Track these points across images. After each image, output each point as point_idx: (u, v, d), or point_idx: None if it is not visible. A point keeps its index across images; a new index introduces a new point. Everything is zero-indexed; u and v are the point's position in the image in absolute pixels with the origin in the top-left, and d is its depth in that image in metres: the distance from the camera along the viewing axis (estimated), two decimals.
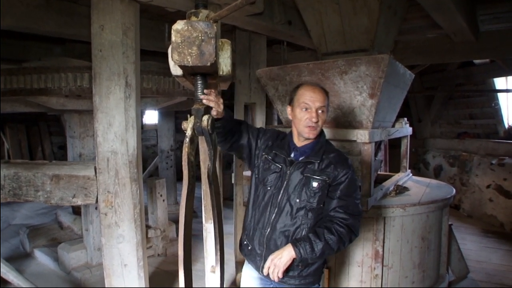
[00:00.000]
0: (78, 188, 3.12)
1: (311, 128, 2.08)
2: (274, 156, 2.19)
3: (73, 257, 4.60)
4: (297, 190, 2.10)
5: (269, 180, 2.17)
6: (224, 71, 1.86)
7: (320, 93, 2.09)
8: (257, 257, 2.20)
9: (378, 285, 3.22)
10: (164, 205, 5.30)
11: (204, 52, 1.49)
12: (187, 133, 1.78)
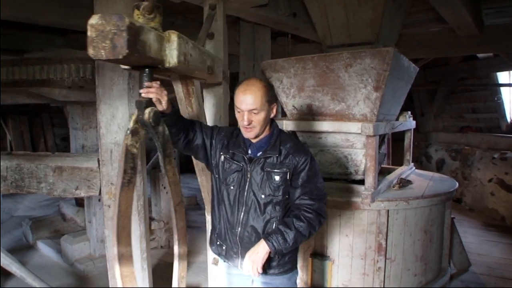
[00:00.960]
0: (81, 180, 3.11)
1: (246, 129, 2.10)
2: (233, 155, 2.19)
3: (76, 249, 4.60)
4: (260, 185, 2.12)
5: (231, 179, 2.18)
6: (170, 63, 1.87)
7: (252, 94, 2.04)
8: (234, 255, 2.23)
9: (381, 278, 3.22)
10: (168, 197, 5.29)
11: (116, 45, 1.48)
12: (129, 125, 1.80)
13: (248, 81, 2.13)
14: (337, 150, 3.38)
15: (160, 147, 1.94)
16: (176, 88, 2.77)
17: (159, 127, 1.89)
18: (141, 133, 1.83)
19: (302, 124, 3.42)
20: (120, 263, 1.76)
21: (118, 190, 1.75)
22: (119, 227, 1.75)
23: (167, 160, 2.01)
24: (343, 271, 3.29)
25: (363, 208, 3.15)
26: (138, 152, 1.81)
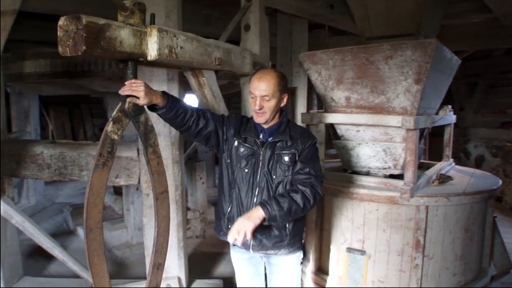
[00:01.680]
0: (121, 168, 3.18)
1: (257, 114, 2.25)
2: (245, 139, 2.32)
3: (114, 236, 4.74)
4: (272, 167, 2.25)
5: (244, 162, 2.30)
6: (151, 56, 2.01)
7: (266, 82, 2.20)
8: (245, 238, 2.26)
9: (418, 276, 3.16)
10: (204, 188, 5.37)
11: (76, 43, 1.64)
12: (112, 114, 1.97)
13: (263, 70, 2.36)
14: (375, 143, 3.32)
15: (141, 135, 2.11)
16: (189, 80, 2.82)
17: (140, 117, 2.06)
18: (124, 121, 1.99)
19: (340, 117, 3.38)
20: (87, 237, 1.93)
21: (92, 171, 1.90)
22: (89, 205, 1.91)
23: (150, 149, 2.15)
24: (379, 267, 3.24)
25: (402, 203, 3.09)
26: (118, 138, 1.97)
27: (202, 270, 4.28)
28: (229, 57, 2.86)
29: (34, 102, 6.55)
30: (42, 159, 3.31)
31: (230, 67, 2.93)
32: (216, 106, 2.89)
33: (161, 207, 2.28)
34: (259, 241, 2.30)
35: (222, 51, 2.75)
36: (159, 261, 2.34)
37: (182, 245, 3.36)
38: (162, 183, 2.25)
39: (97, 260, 2.00)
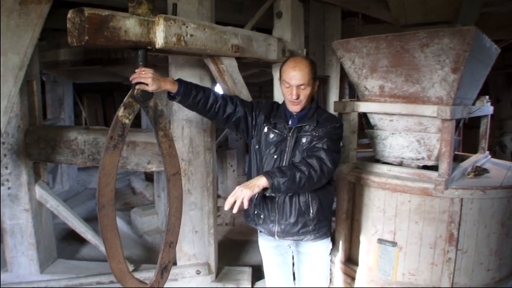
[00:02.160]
0: (153, 154, 3.22)
1: (293, 103, 2.26)
2: (275, 125, 2.34)
3: (145, 222, 4.82)
4: (294, 151, 2.26)
5: (273, 148, 2.31)
6: (159, 44, 2.12)
7: (301, 70, 2.20)
8: (270, 224, 2.35)
9: (451, 270, 3.09)
10: (234, 175, 5.41)
11: (80, 33, 1.78)
12: (124, 99, 2.08)
13: (295, 58, 2.34)
14: (409, 133, 3.25)
15: (152, 120, 2.22)
16: (209, 67, 2.87)
17: (149, 102, 2.16)
18: (135, 107, 2.11)
19: (374, 106, 3.31)
20: (100, 213, 2.07)
21: (104, 152, 2.05)
22: (102, 183, 2.05)
23: (161, 132, 2.26)
24: (410, 259, 3.18)
25: (435, 195, 3.02)
26: (129, 122, 2.10)
27: (231, 258, 4.31)
28: (250, 44, 2.86)
29: (68, 90, 6.71)
30: (76, 145, 3.39)
31: (252, 54, 2.93)
32: (238, 93, 2.90)
33: (173, 188, 2.36)
34: (283, 227, 2.31)
35: (240, 38, 2.76)
36: (171, 239, 2.43)
37: (212, 232, 3.39)
38: (174, 165, 2.34)
39: (110, 235, 2.14)
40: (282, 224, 2.31)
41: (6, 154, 3.41)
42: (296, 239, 2.38)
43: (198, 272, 3.34)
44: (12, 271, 3.66)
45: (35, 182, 3.58)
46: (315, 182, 2.12)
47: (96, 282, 3.50)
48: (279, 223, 2.31)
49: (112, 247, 2.18)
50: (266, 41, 3.06)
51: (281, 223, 2.31)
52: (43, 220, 3.73)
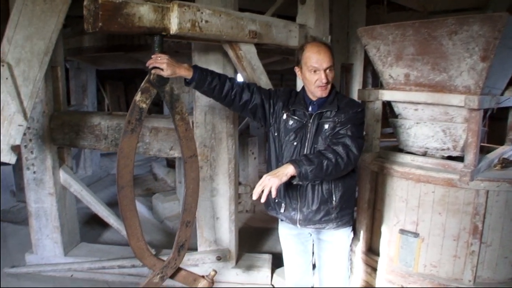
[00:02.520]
0: (175, 141, 3.24)
1: (322, 88, 2.21)
2: (294, 112, 2.31)
3: (166, 207, 4.87)
4: (316, 137, 2.24)
5: (293, 135, 2.29)
6: (173, 30, 2.18)
7: (326, 53, 2.18)
8: (292, 212, 2.33)
9: (474, 263, 3.04)
10: (255, 163, 5.41)
11: (95, 20, 1.85)
12: (141, 84, 2.16)
13: (315, 42, 2.32)
14: (434, 123, 3.18)
15: (168, 104, 2.29)
16: (228, 53, 2.87)
17: (165, 87, 2.22)
18: (151, 91, 2.18)
19: (398, 95, 3.25)
20: (120, 194, 2.22)
21: (122, 135, 2.16)
22: (120, 166, 2.19)
23: (178, 116, 2.32)
24: (432, 251, 3.14)
25: (460, 187, 2.96)
26: (146, 107, 2.18)
27: (251, 245, 4.32)
28: (269, 30, 2.84)
29: (91, 77, 6.79)
30: (100, 130, 3.43)
31: (271, 40, 2.91)
32: (256, 79, 2.88)
33: (190, 169, 2.43)
34: (305, 215, 2.29)
35: (259, 24, 2.75)
36: (188, 219, 2.51)
37: (234, 218, 3.41)
38: (191, 148, 2.41)
39: (130, 214, 2.27)
40: (304, 212, 2.29)
41: (32, 139, 3.47)
42: (318, 227, 2.35)
43: (218, 258, 3.36)
44: (37, 253, 3.76)
45: (59, 167, 3.65)
46: (342, 169, 2.10)
47: (118, 265, 3.56)
48: (301, 211, 2.30)
49: (131, 226, 2.30)
50: (287, 27, 3.03)
51: (303, 211, 2.29)
52: (67, 204, 3.80)
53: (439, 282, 3.09)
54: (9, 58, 2.49)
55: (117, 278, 3.63)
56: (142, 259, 2.42)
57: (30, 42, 2.55)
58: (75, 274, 3.66)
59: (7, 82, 2.50)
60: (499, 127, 4.20)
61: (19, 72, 2.54)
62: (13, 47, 2.50)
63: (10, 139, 2.56)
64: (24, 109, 2.59)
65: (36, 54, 2.59)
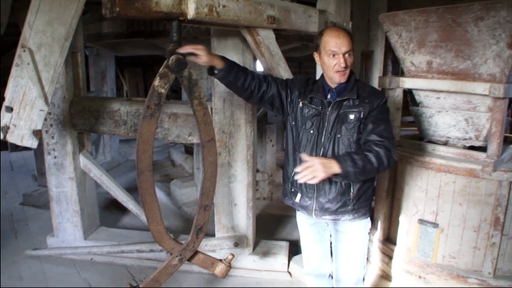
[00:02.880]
0: (194, 126, 3.24)
1: (341, 73, 2.18)
2: (311, 100, 2.29)
3: (184, 193, 4.90)
4: (337, 126, 2.21)
5: (310, 123, 2.27)
6: (190, 15, 2.19)
7: (345, 37, 2.15)
8: (308, 201, 2.30)
9: (494, 255, 2.99)
10: (273, 150, 5.40)
11: (112, 5, 1.88)
12: (160, 70, 2.17)
13: (333, 27, 2.25)
14: (456, 112, 3.11)
15: (186, 89, 2.30)
16: (246, 39, 2.86)
17: (183, 72, 2.22)
18: (170, 76, 2.18)
19: (420, 82, 3.19)
20: (139, 179, 2.23)
21: (141, 120, 2.18)
22: (140, 151, 2.20)
23: (196, 101, 2.33)
24: (452, 242, 3.10)
25: (482, 177, 2.90)
26: (165, 92, 2.20)
27: (268, 232, 4.34)
28: (288, 16, 2.81)
29: (110, 63, 6.84)
30: (119, 116, 3.45)
31: (290, 26, 2.88)
32: (275, 65, 2.86)
33: (209, 154, 2.44)
34: (321, 205, 2.28)
35: (277, 9, 2.72)
36: (206, 202, 2.53)
37: (251, 205, 3.41)
38: (209, 132, 2.42)
39: (149, 198, 2.29)
40: (321, 202, 2.27)
41: (52, 124, 3.52)
42: (334, 218, 2.33)
43: (236, 245, 3.38)
44: (58, 236, 3.84)
45: (79, 152, 3.69)
46: (380, 173, 2.18)
47: (137, 250, 3.61)
48: (318, 201, 2.28)
49: (150, 209, 2.33)
50: (306, 12, 2.99)
51: (319, 201, 2.27)
52: (87, 188, 3.86)
53: (458, 274, 3.06)
54: (30, 43, 2.51)
55: (135, 262, 3.69)
56: (161, 242, 2.46)
57: (51, 28, 2.56)
58: (94, 257, 3.74)
59: (28, 67, 2.52)
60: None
61: (40, 57, 2.56)
62: (34, 32, 2.52)
63: (32, 123, 2.59)
64: (46, 94, 2.61)
65: (57, 39, 2.60)
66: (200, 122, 2.35)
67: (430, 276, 3.15)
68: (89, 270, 3.57)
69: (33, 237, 4.20)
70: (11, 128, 2.53)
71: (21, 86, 2.53)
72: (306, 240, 2.56)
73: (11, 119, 2.51)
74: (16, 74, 2.51)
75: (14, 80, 2.50)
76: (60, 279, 3.42)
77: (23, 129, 2.57)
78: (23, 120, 2.57)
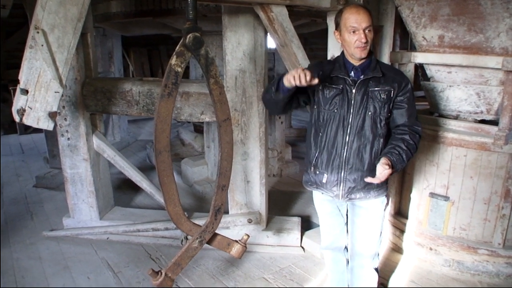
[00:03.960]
0: (206, 105, 3.26)
1: (361, 48, 2.17)
2: (331, 80, 2.27)
3: (195, 172, 4.95)
4: (366, 105, 2.21)
5: (333, 103, 2.26)
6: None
7: (365, 13, 2.15)
8: (334, 182, 2.31)
9: (504, 226, 3.05)
10: (282, 127, 5.44)
11: None
12: (176, 48, 2.15)
13: (353, 5, 2.28)
14: (468, 86, 3.12)
15: (203, 67, 2.28)
16: (259, 15, 2.85)
17: (200, 50, 2.21)
18: (186, 55, 2.18)
19: (432, 57, 3.18)
20: (157, 159, 2.22)
21: (159, 100, 2.17)
22: (158, 130, 2.19)
23: (212, 80, 2.32)
24: (462, 214, 3.15)
25: (494, 150, 2.93)
26: (181, 70, 2.18)
27: (280, 208, 4.40)
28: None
29: (117, 44, 6.83)
30: (131, 96, 3.46)
31: (304, 2, 2.87)
32: (288, 42, 2.85)
33: (225, 133, 2.45)
34: (350, 190, 2.30)
35: None
36: (223, 183, 2.55)
37: (264, 182, 3.45)
38: (225, 111, 2.41)
39: (167, 179, 2.30)
40: (349, 180, 2.28)
41: (65, 106, 3.54)
42: (360, 197, 2.34)
43: (249, 221, 3.44)
44: (74, 217, 3.90)
45: (92, 133, 3.72)
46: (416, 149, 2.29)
47: (152, 228, 3.68)
48: (344, 181, 2.29)
49: (168, 191, 2.34)
50: None
51: (346, 181, 2.29)
52: (101, 169, 3.90)
53: (468, 245, 3.13)
54: (43, 24, 2.50)
55: (151, 241, 3.74)
56: (179, 224, 2.47)
57: (64, 8, 2.56)
58: (111, 237, 3.80)
59: (42, 49, 2.52)
60: None
61: (54, 38, 2.56)
62: (47, 13, 2.51)
63: (47, 106, 2.60)
64: (60, 76, 2.62)
65: (69, 20, 2.59)
66: (216, 101, 2.36)
67: (441, 248, 3.21)
68: (106, 249, 3.63)
69: (49, 218, 4.26)
70: (27, 110, 2.53)
71: (35, 68, 2.53)
72: (324, 214, 2.58)
73: (26, 101, 2.50)
74: (30, 56, 2.50)
75: (28, 62, 2.49)
76: (78, 258, 3.49)
77: (39, 112, 2.58)
78: (39, 103, 2.57)
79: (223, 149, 2.46)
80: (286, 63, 3.02)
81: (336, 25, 2.26)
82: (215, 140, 4.79)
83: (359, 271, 2.53)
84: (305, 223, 3.90)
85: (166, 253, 3.56)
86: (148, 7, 3.87)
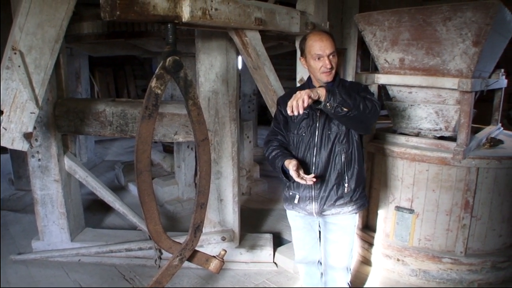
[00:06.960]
0: (180, 126, 3.33)
1: (327, 73, 2.27)
2: None
3: (166, 191, 4.96)
4: (327, 124, 2.29)
5: (301, 127, 2.36)
6: (185, 18, 2.26)
7: (328, 40, 2.25)
8: (307, 201, 2.41)
9: (465, 235, 3.24)
10: (251, 146, 5.54)
11: (112, 9, 1.95)
12: (156, 71, 2.21)
13: (316, 31, 2.39)
14: (427, 105, 3.34)
15: (182, 89, 2.35)
16: (234, 40, 2.97)
17: (179, 73, 2.28)
18: (166, 77, 2.24)
19: (394, 78, 3.40)
20: (138, 179, 2.29)
21: (139, 121, 2.23)
22: (139, 151, 2.25)
23: (191, 101, 2.40)
24: (426, 226, 3.33)
25: (453, 165, 3.14)
26: (161, 92, 2.24)
27: (251, 225, 4.46)
28: (273, 17, 2.93)
29: (84, 64, 6.78)
30: (104, 117, 3.48)
31: (275, 27, 3.00)
32: (261, 65, 2.98)
33: (203, 152, 2.53)
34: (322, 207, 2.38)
35: (264, 11, 2.83)
36: (202, 201, 2.61)
37: (237, 200, 3.52)
38: (203, 131, 2.50)
39: (148, 198, 2.36)
40: (321, 196, 2.37)
41: (36, 127, 3.49)
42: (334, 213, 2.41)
43: (223, 239, 3.49)
44: (44, 240, 3.80)
45: (64, 154, 3.68)
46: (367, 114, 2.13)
47: (125, 248, 3.65)
48: (316, 199, 2.38)
49: (149, 209, 2.40)
50: (289, 14, 3.12)
51: (318, 199, 2.37)
52: (72, 190, 3.85)
53: (433, 255, 3.29)
54: (21, 45, 2.53)
55: (124, 261, 3.71)
56: (159, 242, 2.51)
57: (42, 30, 2.59)
58: (82, 258, 3.74)
59: (19, 69, 2.54)
60: (484, 108, 4.38)
61: (31, 59, 2.59)
62: (25, 34, 2.54)
63: (23, 126, 2.61)
64: (36, 97, 2.64)
65: (47, 41, 2.63)
66: (194, 121, 2.43)
67: (407, 258, 3.37)
68: (78, 271, 3.57)
69: (15, 241, 4.13)
70: (1, 131, 2.53)
71: (11, 88, 2.54)
72: (297, 230, 2.66)
73: (1, 122, 2.51)
74: (6, 76, 2.51)
75: (4, 83, 2.50)
76: (49, 281, 3.41)
77: (14, 132, 2.58)
78: (14, 123, 2.58)
79: (201, 168, 2.53)
80: (259, 85, 3.14)
81: (301, 52, 2.38)
82: (185, 160, 4.84)
83: (332, 284, 2.61)
84: (276, 239, 3.98)
85: (140, 273, 3.54)
86: (121, 28, 3.92)
